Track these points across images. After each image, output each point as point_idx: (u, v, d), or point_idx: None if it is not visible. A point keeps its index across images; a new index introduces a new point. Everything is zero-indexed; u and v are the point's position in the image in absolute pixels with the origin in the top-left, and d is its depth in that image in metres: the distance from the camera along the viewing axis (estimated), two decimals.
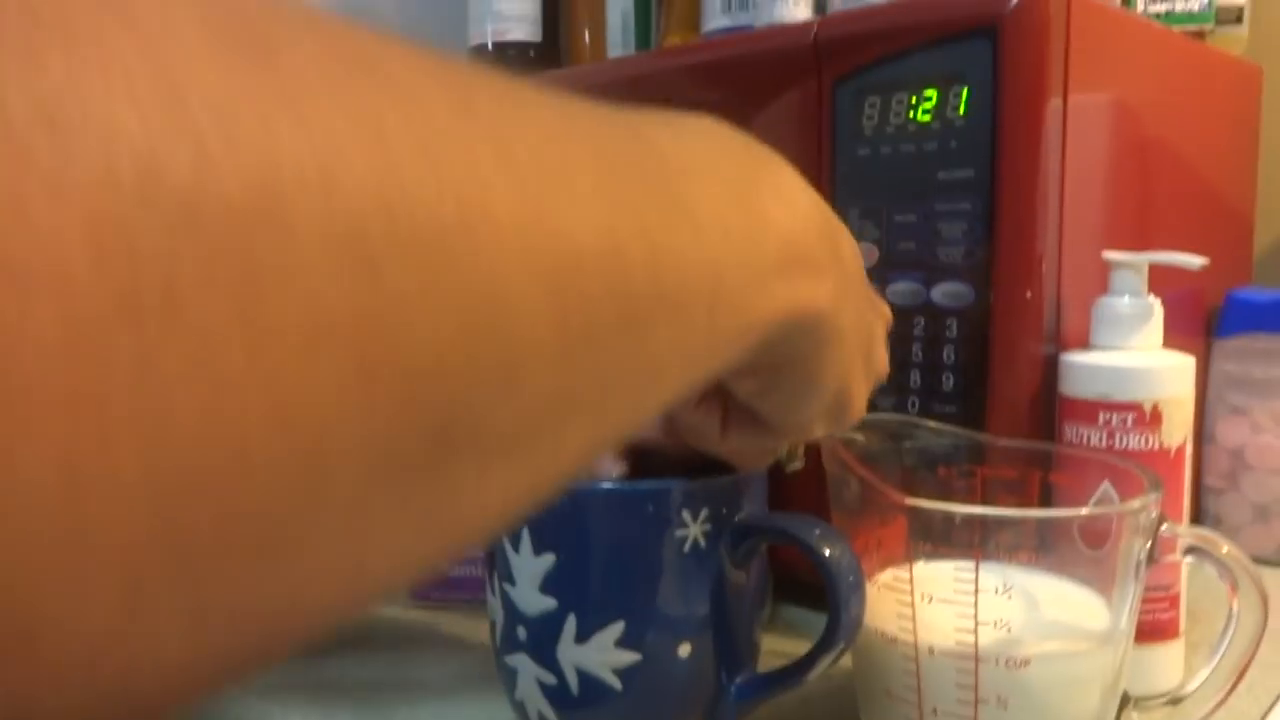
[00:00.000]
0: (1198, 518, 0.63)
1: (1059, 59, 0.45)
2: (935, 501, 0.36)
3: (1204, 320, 0.64)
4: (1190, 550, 0.36)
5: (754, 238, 0.24)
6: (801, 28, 0.52)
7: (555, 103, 0.19)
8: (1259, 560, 0.60)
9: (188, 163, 0.12)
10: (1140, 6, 0.56)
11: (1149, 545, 0.36)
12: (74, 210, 0.11)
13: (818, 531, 0.36)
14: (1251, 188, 0.70)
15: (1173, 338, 0.48)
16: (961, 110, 0.46)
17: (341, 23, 0.15)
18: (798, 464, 0.39)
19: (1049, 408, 0.47)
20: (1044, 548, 0.43)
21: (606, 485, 0.37)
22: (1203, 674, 0.37)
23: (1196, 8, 0.56)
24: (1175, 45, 0.56)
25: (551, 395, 0.17)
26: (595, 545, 0.37)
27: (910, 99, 0.48)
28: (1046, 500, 0.43)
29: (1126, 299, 0.44)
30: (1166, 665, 0.45)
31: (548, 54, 0.71)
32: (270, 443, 0.12)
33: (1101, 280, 0.46)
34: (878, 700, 0.38)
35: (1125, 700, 0.38)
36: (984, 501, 0.45)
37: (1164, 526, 0.36)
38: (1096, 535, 0.41)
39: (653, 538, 0.36)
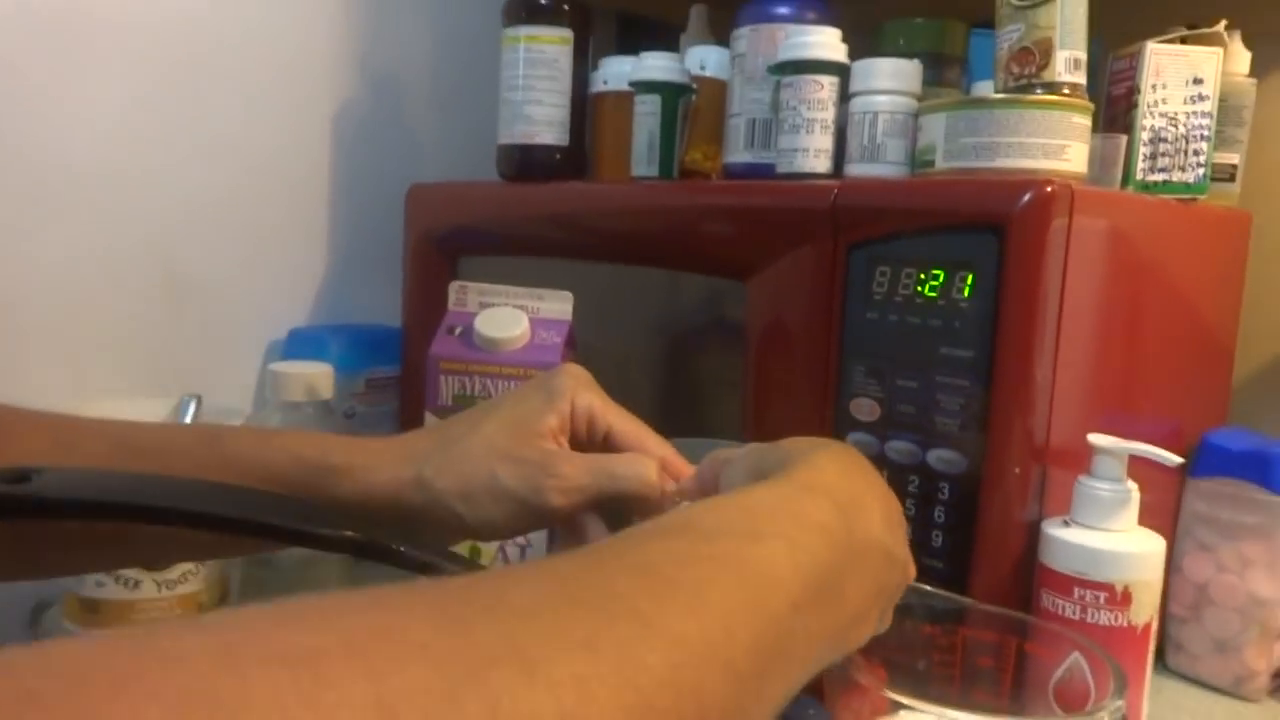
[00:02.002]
0: (1162, 643, 0.67)
1: (1059, 256, 0.49)
2: (913, 699, 0.39)
3: (1181, 455, 0.67)
4: None
5: (831, 640, 0.30)
6: (821, 190, 0.55)
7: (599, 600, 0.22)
8: (1216, 690, 0.65)
9: None
10: (1139, 176, 0.59)
11: None
12: None
13: (810, 713, 0.40)
14: (1235, 322, 0.74)
15: (1150, 473, 0.51)
16: (966, 294, 0.49)
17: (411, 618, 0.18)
18: None
19: (1029, 568, 0.50)
20: (1021, 712, 0.47)
21: None
22: None
23: (1192, 179, 0.60)
24: (1169, 214, 0.60)
25: None
26: None
27: (919, 275, 0.51)
28: (1021, 665, 0.47)
29: (1106, 485, 0.48)
30: None
31: (573, 158, 0.74)
32: None
33: (1087, 452, 0.49)
34: None
35: None
36: (964, 659, 0.48)
37: None
38: (1073, 699, 0.45)
39: None
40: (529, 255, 0.73)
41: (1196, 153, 0.60)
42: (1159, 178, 0.60)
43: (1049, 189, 0.48)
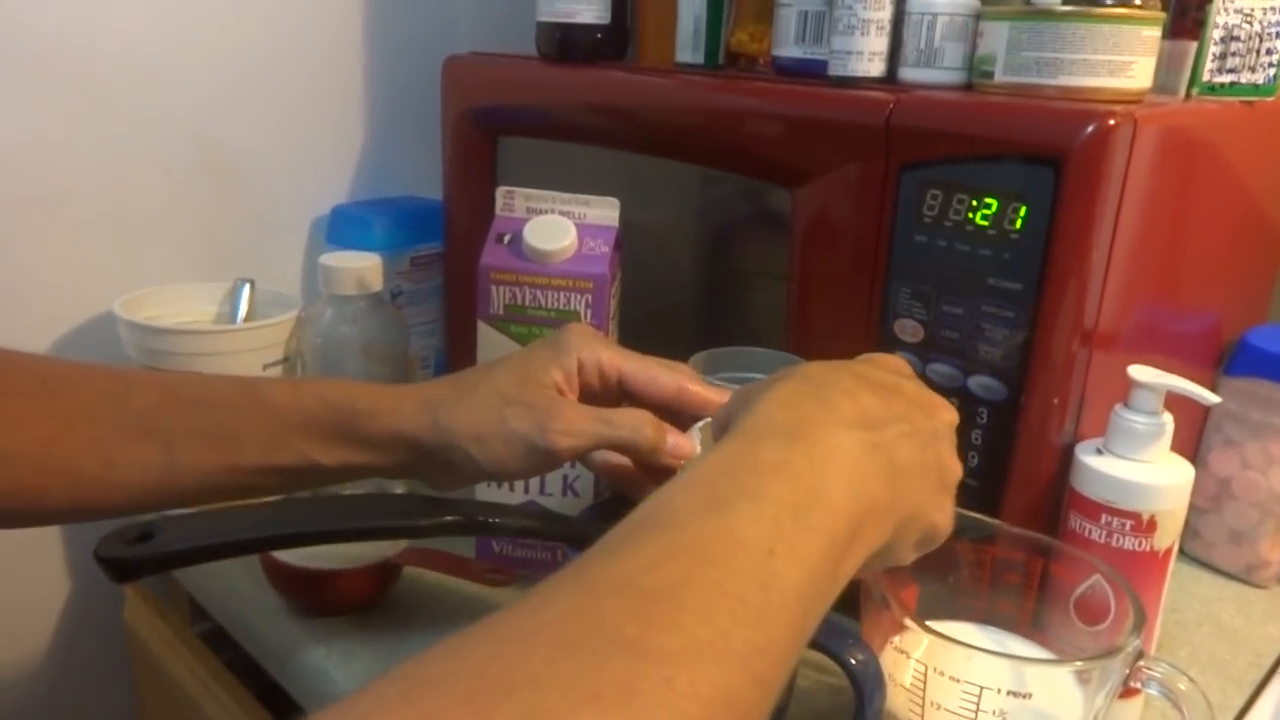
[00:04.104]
0: None
1: (1116, 190, 0.48)
2: (938, 633, 0.42)
3: (1218, 351, 0.68)
4: (1152, 681, 0.43)
5: (830, 550, 0.31)
6: (876, 104, 0.53)
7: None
8: (1228, 575, 0.68)
9: None
10: (1206, 78, 0.57)
11: (1126, 674, 0.43)
12: None
13: (849, 641, 0.43)
14: None
15: (1184, 367, 0.52)
16: (1018, 225, 0.49)
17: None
18: None
19: (1060, 488, 0.53)
20: (1041, 623, 0.50)
21: None
22: None
23: (1262, 80, 0.57)
24: (1234, 119, 0.58)
25: None
26: None
27: (971, 202, 0.51)
28: (1045, 582, 0.50)
29: (1142, 418, 0.49)
30: (1126, 714, 0.53)
31: (615, 37, 0.71)
32: None
33: (1125, 380, 0.50)
34: None
35: None
36: (992, 575, 0.51)
37: (1141, 661, 0.42)
38: (1092, 613, 0.48)
39: None
40: (570, 141, 0.72)
41: (1269, 51, 0.58)
42: (1226, 79, 0.58)
43: (1111, 121, 0.46)
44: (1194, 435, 0.69)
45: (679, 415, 0.49)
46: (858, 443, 0.34)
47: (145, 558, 0.38)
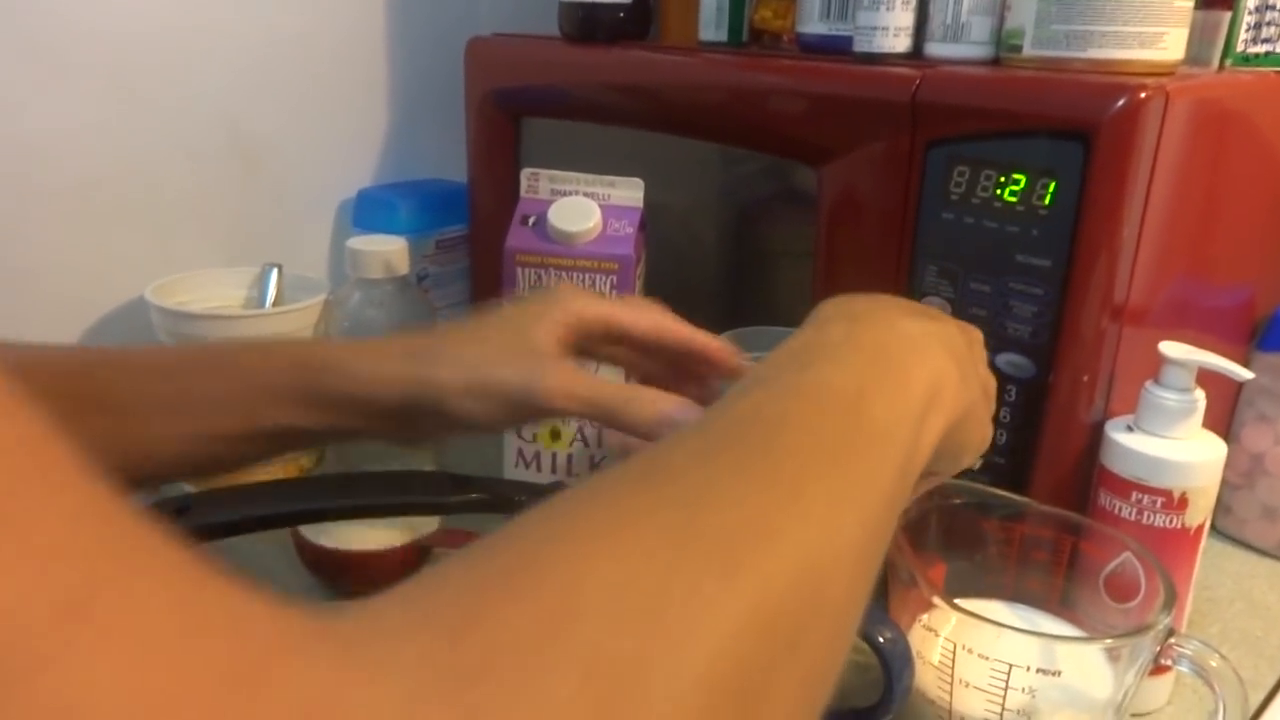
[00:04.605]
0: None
1: (1146, 165, 0.47)
2: (967, 611, 0.42)
3: (1251, 326, 0.67)
4: (1183, 658, 0.42)
5: (911, 406, 0.33)
6: (901, 81, 0.53)
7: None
8: (1260, 551, 0.68)
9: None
10: (1240, 48, 0.56)
11: (1157, 651, 0.43)
12: None
13: (876, 619, 0.43)
14: None
15: (1216, 342, 0.51)
16: (1047, 201, 0.49)
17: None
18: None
19: (1090, 465, 0.52)
20: (1070, 600, 0.50)
21: None
22: None
23: None
24: (1268, 89, 0.57)
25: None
26: None
27: (999, 178, 0.50)
28: (1074, 560, 0.50)
29: (1173, 395, 0.48)
30: (1157, 691, 0.53)
31: (638, 16, 0.71)
32: None
33: (1156, 357, 0.50)
34: None
35: None
36: (1020, 553, 0.51)
37: (1171, 638, 0.42)
38: (1122, 590, 0.48)
39: None
40: (594, 121, 0.72)
41: None
42: (1261, 49, 0.57)
43: (1142, 94, 0.46)
44: (1226, 411, 0.68)
45: (698, 366, 0.49)
46: (920, 328, 0.37)
47: (183, 531, 0.38)
